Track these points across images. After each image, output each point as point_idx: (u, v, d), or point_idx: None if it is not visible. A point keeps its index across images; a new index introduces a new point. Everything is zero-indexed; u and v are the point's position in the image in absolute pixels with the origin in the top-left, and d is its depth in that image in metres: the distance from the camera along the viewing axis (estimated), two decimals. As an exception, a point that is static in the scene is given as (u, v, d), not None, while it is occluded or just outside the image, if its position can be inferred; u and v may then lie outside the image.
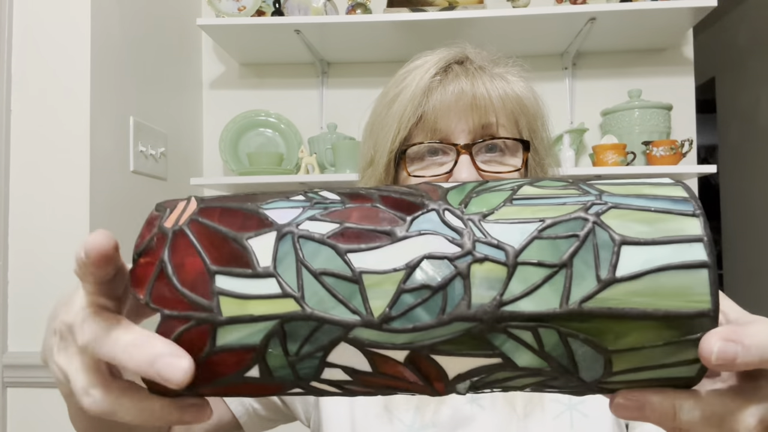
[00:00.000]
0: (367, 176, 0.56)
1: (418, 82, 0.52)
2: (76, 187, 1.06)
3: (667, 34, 1.46)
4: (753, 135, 2.41)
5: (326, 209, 0.23)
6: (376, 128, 0.55)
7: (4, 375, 1.05)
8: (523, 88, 0.54)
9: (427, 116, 0.51)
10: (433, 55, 0.55)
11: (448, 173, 0.50)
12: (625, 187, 0.23)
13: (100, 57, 1.11)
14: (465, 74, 0.51)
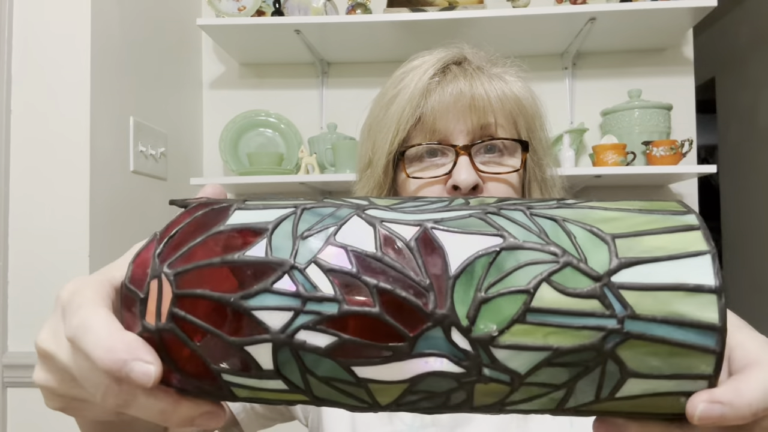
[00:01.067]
0: (365, 177, 0.56)
1: (416, 84, 0.51)
2: (76, 187, 1.06)
3: (667, 34, 1.46)
4: (753, 135, 2.41)
5: (320, 316, 0.21)
6: (374, 129, 0.55)
7: (4, 375, 1.05)
8: (521, 88, 0.53)
9: (425, 117, 0.51)
10: (431, 56, 0.54)
11: (447, 174, 0.50)
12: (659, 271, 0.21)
13: (100, 57, 1.11)
14: (463, 75, 0.51)
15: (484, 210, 0.23)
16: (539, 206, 0.23)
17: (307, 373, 0.22)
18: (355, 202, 0.24)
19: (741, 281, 2.54)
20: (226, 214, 0.24)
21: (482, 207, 0.23)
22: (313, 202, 0.24)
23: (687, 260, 0.20)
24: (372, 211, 0.23)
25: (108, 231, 1.13)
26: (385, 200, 0.25)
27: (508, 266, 0.21)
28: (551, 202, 0.24)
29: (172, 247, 0.23)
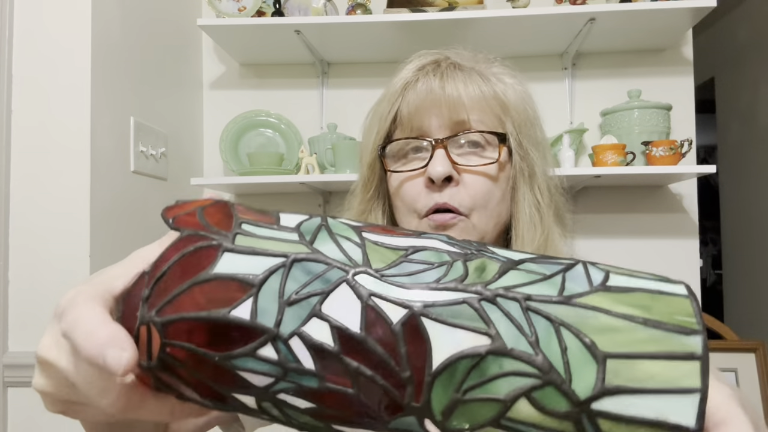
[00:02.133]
0: (360, 175, 0.59)
1: (395, 83, 0.54)
2: (76, 187, 1.07)
3: (666, 34, 1.46)
4: (752, 135, 2.41)
5: (300, 387, 0.22)
6: (366, 129, 0.58)
7: (5, 375, 1.05)
8: (506, 86, 0.54)
9: (402, 114, 0.53)
10: (418, 58, 0.57)
11: (424, 167, 0.51)
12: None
13: (100, 57, 1.11)
14: (435, 72, 0.52)
15: (479, 295, 0.22)
16: (539, 297, 0.22)
17: (290, 417, 0.23)
18: (347, 260, 0.23)
19: (741, 281, 2.54)
20: (214, 256, 0.23)
21: (479, 288, 0.22)
22: (305, 252, 0.23)
23: (674, 396, 0.20)
24: (363, 277, 0.22)
25: (108, 231, 1.13)
26: (381, 254, 0.24)
27: (491, 372, 0.21)
28: (554, 288, 0.22)
29: (159, 292, 0.23)
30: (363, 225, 0.26)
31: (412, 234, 0.26)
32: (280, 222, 0.25)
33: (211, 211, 0.26)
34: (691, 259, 1.54)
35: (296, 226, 0.25)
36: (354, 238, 0.24)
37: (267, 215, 0.26)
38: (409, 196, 0.52)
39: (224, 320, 0.22)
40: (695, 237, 1.55)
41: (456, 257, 0.24)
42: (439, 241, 0.25)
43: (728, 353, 1.40)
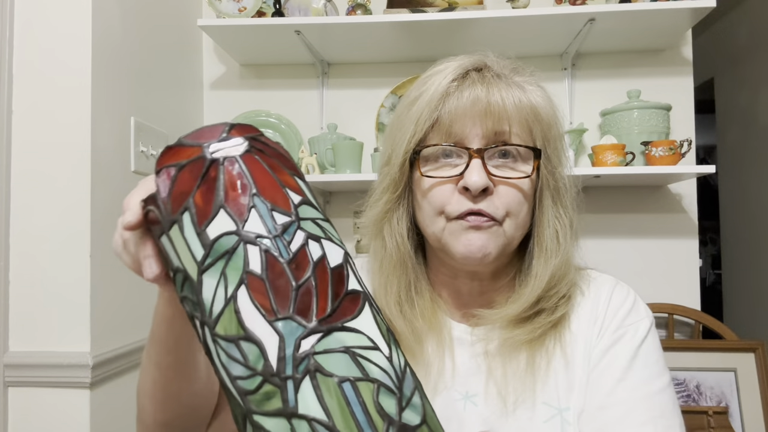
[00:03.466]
0: (383, 174, 0.58)
1: (436, 87, 0.54)
2: (77, 186, 1.07)
3: (666, 34, 1.46)
4: (752, 135, 2.41)
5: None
6: (395, 129, 0.57)
7: (5, 374, 1.05)
8: (540, 98, 0.55)
9: (442, 120, 0.53)
10: (454, 61, 0.57)
11: (459, 175, 0.52)
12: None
13: (101, 57, 1.11)
14: (481, 81, 0.53)
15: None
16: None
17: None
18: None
19: (740, 281, 2.55)
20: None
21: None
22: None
23: None
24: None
25: (109, 231, 1.13)
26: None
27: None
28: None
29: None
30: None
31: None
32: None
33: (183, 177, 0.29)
34: (691, 259, 1.54)
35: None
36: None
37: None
38: (439, 200, 0.53)
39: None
40: (695, 237, 1.55)
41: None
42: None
43: (728, 353, 1.40)
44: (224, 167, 0.27)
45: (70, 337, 1.06)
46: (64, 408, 1.05)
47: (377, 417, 0.22)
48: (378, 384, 0.23)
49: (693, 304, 1.52)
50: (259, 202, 0.26)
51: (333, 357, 0.24)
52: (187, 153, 0.28)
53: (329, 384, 0.23)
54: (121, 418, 1.17)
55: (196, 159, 0.27)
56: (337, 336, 0.24)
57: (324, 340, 0.24)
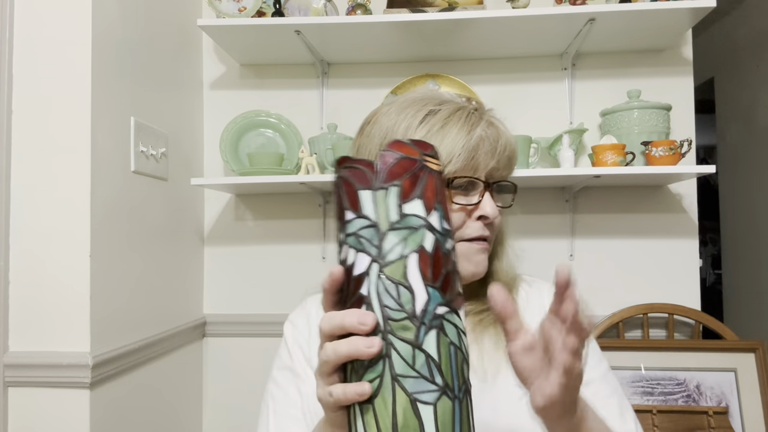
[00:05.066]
0: None
1: (461, 125, 0.61)
2: (77, 187, 1.07)
3: (666, 34, 1.46)
4: (752, 135, 2.41)
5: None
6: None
7: (5, 374, 1.05)
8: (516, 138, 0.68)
9: (469, 155, 0.60)
10: (451, 102, 0.64)
11: (475, 205, 0.62)
12: None
13: (101, 57, 1.11)
14: (490, 122, 0.62)
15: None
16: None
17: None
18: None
19: (740, 281, 2.54)
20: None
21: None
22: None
23: None
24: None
25: (109, 231, 1.13)
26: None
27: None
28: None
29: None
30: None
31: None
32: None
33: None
34: (691, 259, 1.54)
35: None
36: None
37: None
38: (456, 223, 0.62)
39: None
40: (695, 237, 1.55)
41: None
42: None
43: (728, 353, 1.40)
44: (427, 174, 0.39)
45: (70, 337, 1.06)
46: (64, 408, 1.06)
47: (460, 372, 0.37)
48: (465, 353, 0.38)
49: (693, 304, 1.52)
50: (439, 208, 0.39)
51: (449, 326, 0.37)
52: (408, 150, 0.39)
53: (444, 341, 0.37)
54: (121, 418, 1.17)
55: (413, 158, 0.39)
56: (454, 315, 0.38)
57: (449, 314, 0.37)
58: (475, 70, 1.59)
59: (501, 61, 1.59)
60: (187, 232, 1.53)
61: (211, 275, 1.63)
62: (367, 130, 0.65)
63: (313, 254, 1.62)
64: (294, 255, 1.62)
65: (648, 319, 1.49)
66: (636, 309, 1.48)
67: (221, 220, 1.64)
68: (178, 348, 1.45)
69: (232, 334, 1.61)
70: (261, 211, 1.64)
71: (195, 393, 1.57)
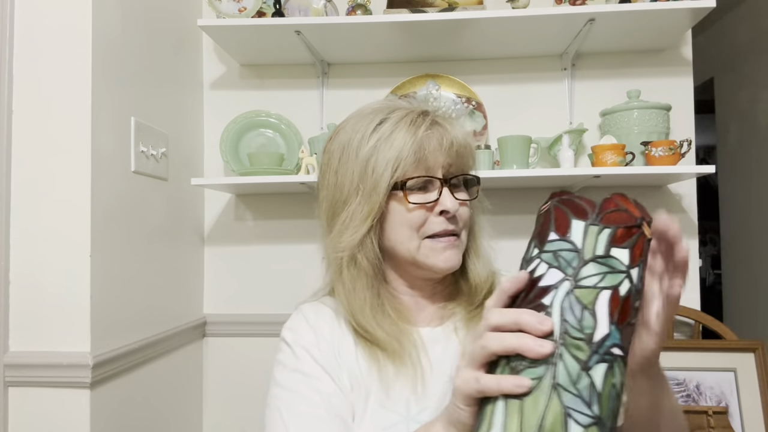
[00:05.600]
0: (357, 204, 0.65)
1: (407, 128, 0.64)
2: (77, 187, 1.07)
3: (666, 34, 1.47)
4: (751, 135, 2.42)
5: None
6: (366, 166, 0.64)
7: (6, 374, 1.05)
8: (470, 134, 0.70)
9: (419, 156, 0.63)
10: (400, 109, 0.67)
11: (435, 201, 0.64)
12: None
13: (101, 57, 1.11)
14: (440, 122, 0.65)
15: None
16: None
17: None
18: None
19: (740, 281, 2.55)
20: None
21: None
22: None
23: None
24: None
25: (109, 231, 1.13)
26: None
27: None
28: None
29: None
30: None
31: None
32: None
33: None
34: (691, 259, 1.55)
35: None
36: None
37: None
38: (417, 222, 0.64)
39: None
40: (694, 237, 1.55)
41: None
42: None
43: (727, 353, 1.40)
44: (641, 235, 0.42)
45: (70, 337, 1.06)
46: (64, 408, 1.06)
47: (615, 413, 0.38)
48: (621, 402, 0.39)
49: (693, 304, 1.52)
50: (641, 267, 0.42)
51: (618, 370, 0.39)
52: (632, 208, 0.45)
53: (609, 379, 0.38)
54: (122, 418, 1.17)
55: (634, 215, 0.44)
56: (623, 365, 0.39)
57: (620, 359, 0.39)
58: (475, 70, 1.59)
59: (501, 61, 1.59)
60: (187, 232, 1.53)
61: (211, 275, 1.63)
62: (334, 137, 0.69)
63: (313, 254, 1.61)
64: (294, 255, 1.62)
65: (648, 319, 1.49)
66: (636, 309, 1.48)
67: (221, 220, 1.64)
68: (178, 348, 1.45)
69: (232, 334, 1.61)
70: (261, 211, 1.64)
71: (195, 393, 1.57)
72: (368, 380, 0.65)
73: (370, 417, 0.62)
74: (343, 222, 0.66)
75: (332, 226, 0.68)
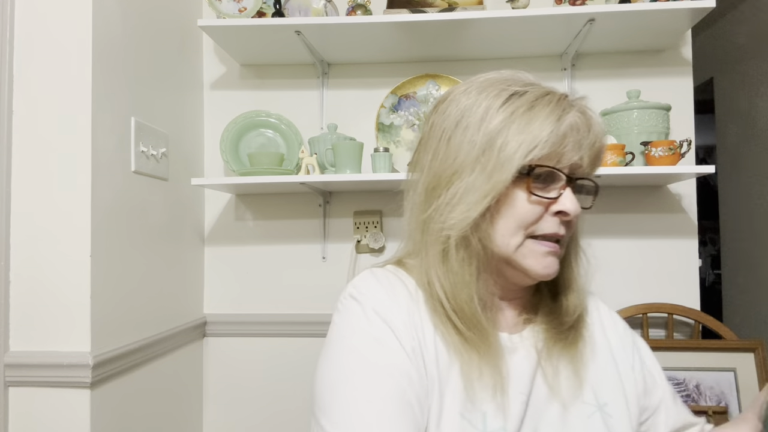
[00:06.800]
0: (481, 179, 0.56)
1: (551, 109, 0.55)
2: (77, 187, 1.07)
3: (665, 35, 1.47)
4: (751, 135, 2.42)
5: None
6: (503, 139, 0.55)
7: (6, 374, 1.05)
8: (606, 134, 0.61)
9: (557, 143, 0.55)
10: (537, 85, 0.60)
11: (554, 199, 0.56)
12: None
13: (101, 57, 1.11)
14: (582, 111, 0.58)
15: None
16: None
17: None
18: None
19: (739, 281, 2.55)
20: None
21: None
22: None
23: None
24: None
25: (109, 231, 1.13)
26: None
27: None
28: None
29: None
30: None
31: None
32: None
33: None
34: (690, 259, 1.55)
35: None
36: None
37: None
38: (530, 217, 0.56)
39: None
40: (694, 237, 1.55)
41: None
42: None
43: (727, 353, 1.40)
44: None
45: (70, 337, 1.06)
46: (64, 408, 1.06)
47: None
48: None
49: (692, 304, 1.52)
50: None
51: None
52: None
53: None
54: (121, 418, 1.17)
55: None
56: None
57: None
58: (475, 70, 1.59)
59: (501, 62, 1.59)
60: (188, 232, 1.53)
61: (211, 275, 1.64)
62: (443, 107, 0.60)
63: (313, 254, 1.62)
64: (294, 255, 1.62)
65: (647, 319, 1.49)
66: (635, 309, 1.49)
67: (221, 220, 1.64)
68: (178, 348, 1.45)
69: (232, 334, 1.61)
70: (261, 211, 1.64)
71: (195, 393, 1.57)
72: (446, 375, 0.56)
73: (449, 426, 0.54)
74: (453, 196, 0.57)
75: (432, 200, 0.58)
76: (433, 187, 0.59)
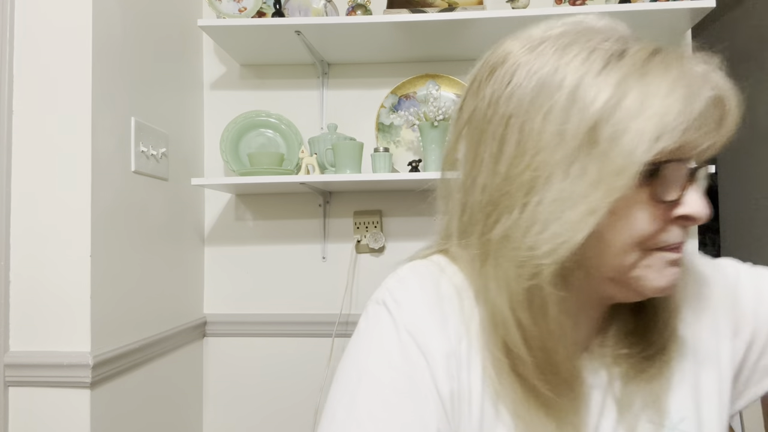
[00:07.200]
0: (608, 188, 0.38)
1: (676, 80, 0.39)
2: (77, 187, 1.07)
3: (665, 35, 1.47)
4: (752, 135, 2.42)
5: None
6: (608, 126, 0.38)
7: (6, 374, 1.05)
8: None
9: (690, 129, 0.38)
10: (641, 40, 0.43)
11: (675, 201, 0.41)
12: None
13: (101, 57, 1.11)
14: (724, 76, 0.42)
15: None
16: None
17: None
18: None
19: (740, 281, 2.54)
20: None
21: None
22: None
23: None
24: None
25: (109, 231, 1.13)
26: None
27: None
28: None
29: None
30: None
31: None
32: None
33: None
34: (691, 259, 1.54)
35: None
36: None
37: None
38: (652, 230, 0.41)
39: None
40: (694, 237, 1.55)
41: None
42: None
43: (727, 353, 1.40)
44: None
45: (71, 337, 1.06)
46: (64, 408, 1.06)
47: None
48: None
49: (693, 304, 1.52)
50: None
51: None
52: None
53: None
54: (121, 418, 1.17)
55: None
56: None
57: None
58: (475, 70, 1.59)
59: (501, 62, 1.59)
60: (188, 232, 1.53)
61: (211, 275, 1.63)
62: (502, 74, 0.43)
63: (313, 254, 1.62)
64: (294, 255, 1.62)
65: (648, 319, 1.49)
66: (636, 309, 1.48)
67: (221, 220, 1.64)
68: (178, 348, 1.45)
69: (232, 334, 1.61)
70: (261, 211, 1.64)
71: (195, 393, 1.57)
72: (491, 427, 0.43)
73: None
74: (537, 210, 0.40)
75: (501, 213, 0.42)
76: (502, 195, 0.42)
